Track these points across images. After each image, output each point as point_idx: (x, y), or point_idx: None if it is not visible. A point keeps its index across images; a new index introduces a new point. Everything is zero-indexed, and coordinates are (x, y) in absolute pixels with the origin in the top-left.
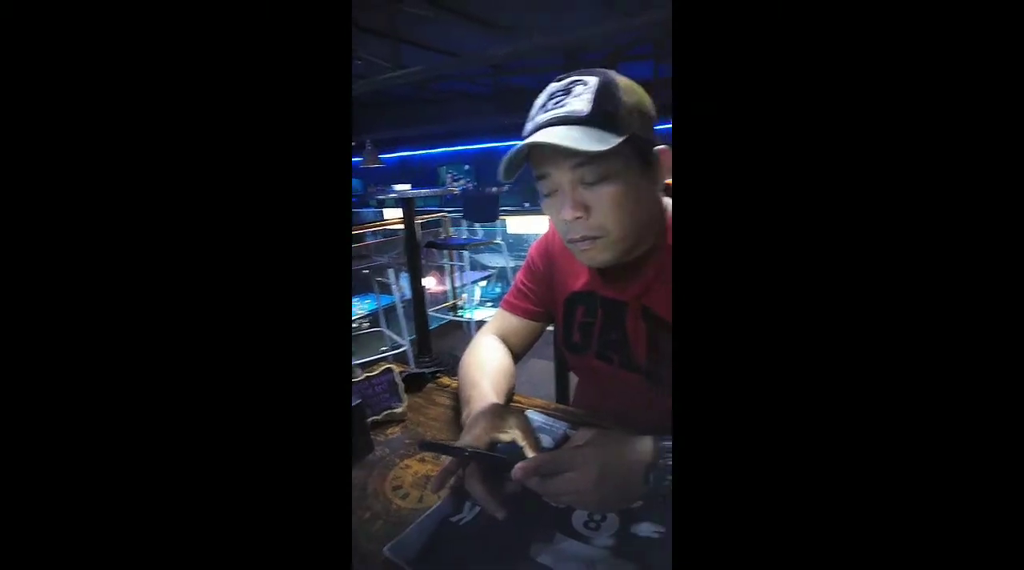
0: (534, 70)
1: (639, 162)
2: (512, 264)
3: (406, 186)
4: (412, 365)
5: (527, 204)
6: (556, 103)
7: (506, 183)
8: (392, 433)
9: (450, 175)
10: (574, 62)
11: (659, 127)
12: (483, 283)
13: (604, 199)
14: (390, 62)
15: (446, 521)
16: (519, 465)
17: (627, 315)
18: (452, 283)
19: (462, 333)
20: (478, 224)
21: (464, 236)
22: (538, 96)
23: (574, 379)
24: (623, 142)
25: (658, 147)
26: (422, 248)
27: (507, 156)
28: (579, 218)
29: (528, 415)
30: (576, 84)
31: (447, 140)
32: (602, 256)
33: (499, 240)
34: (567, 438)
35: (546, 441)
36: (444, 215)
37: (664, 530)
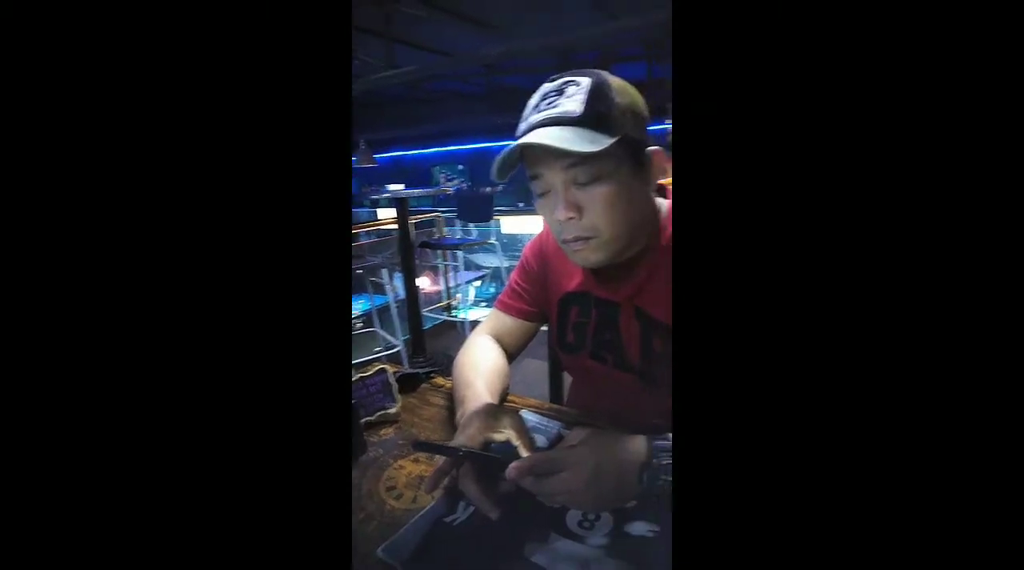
0: (527, 70)
1: (631, 163)
2: (506, 264)
3: (399, 186)
4: (406, 365)
5: (521, 204)
6: (549, 104)
7: (500, 183)
8: (386, 434)
9: (444, 175)
10: (567, 62)
11: (652, 127)
12: (477, 283)
13: (596, 200)
14: (384, 62)
15: (440, 521)
16: (513, 465)
17: (620, 315)
18: (446, 283)
19: (456, 333)
20: (472, 224)
21: (458, 236)
22: (532, 96)
23: (568, 379)
24: (615, 143)
25: (651, 148)
26: (416, 248)
27: (500, 156)
28: (572, 218)
29: (522, 415)
30: (569, 85)
31: (441, 140)
32: (595, 256)
33: (493, 240)
34: (561, 438)
35: (540, 441)
36: (438, 215)
37: (658, 529)
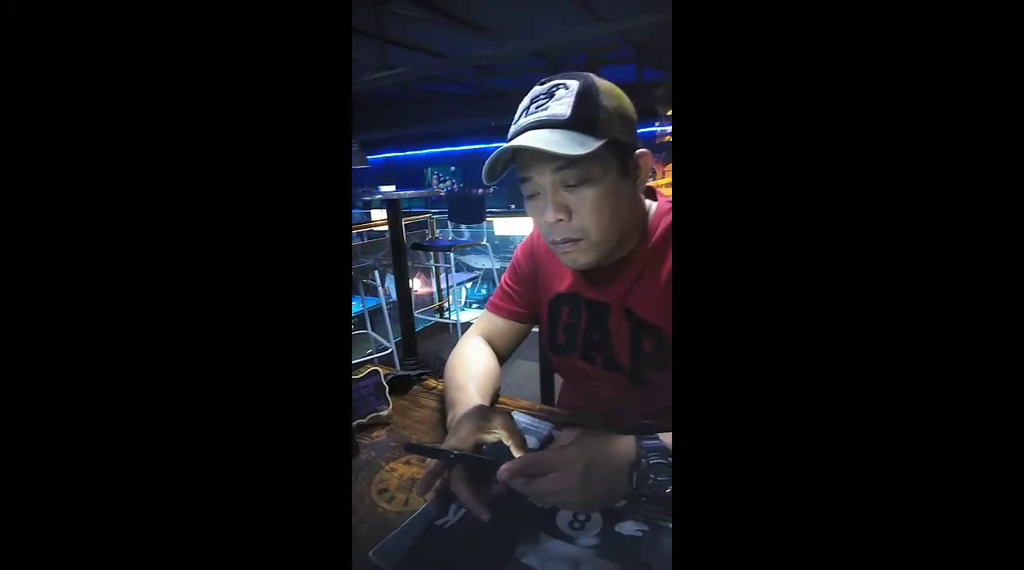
0: (518, 72)
1: (620, 165)
2: (498, 266)
3: (391, 187)
4: (398, 367)
5: (513, 206)
6: (538, 107)
7: (491, 185)
8: (378, 436)
9: (436, 176)
10: (556, 65)
11: (641, 130)
12: (469, 285)
13: (585, 202)
14: (376, 63)
15: (432, 524)
16: (504, 466)
17: (610, 316)
18: (438, 285)
19: (448, 335)
20: (464, 226)
21: (450, 237)
22: (523, 99)
23: (559, 380)
24: (603, 145)
25: (639, 150)
26: (408, 250)
27: (490, 159)
28: (561, 220)
29: (513, 416)
30: (558, 88)
31: (433, 141)
32: (584, 258)
33: (485, 242)
34: (552, 439)
35: (531, 442)
36: (430, 217)
37: (647, 529)
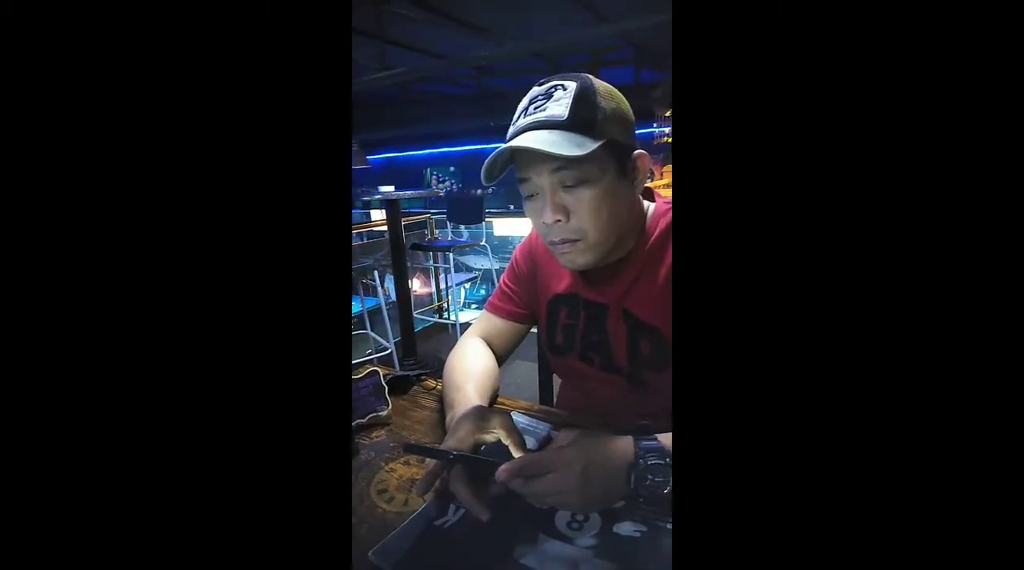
0: (517, 73)
1: (618, 166)
2: (497, 266)
3: (390, 187)
4: (397, 368)
5: (511, 206)
6: (537, 107)
7: (490, 186)
8: (377, 436)
9: (435, 177)
10: (555, 65)
11: (639, 131)
12: (468, 285)
13: (583, 202)
14: (375, 63)
15: (431, 524)
16: (503, 467)
17: (608, 317)
18: (437, 285)
19: (447, 335)
20: (463, 226)
21: (449, 238)
22: (522, 100)
23: (558, 381)
24: (601, 146)
25: (636, 152)
26: (407, 250)
27: (489, 159)
28: (559, 221)
29: (512, 416)
30: (556, 89)
31: (433, 141)
32: (581, 258)
33: (484, 242)
34: (550, 439)
35: (529, 442)
36: (429, 217)
37: (645, 529)
